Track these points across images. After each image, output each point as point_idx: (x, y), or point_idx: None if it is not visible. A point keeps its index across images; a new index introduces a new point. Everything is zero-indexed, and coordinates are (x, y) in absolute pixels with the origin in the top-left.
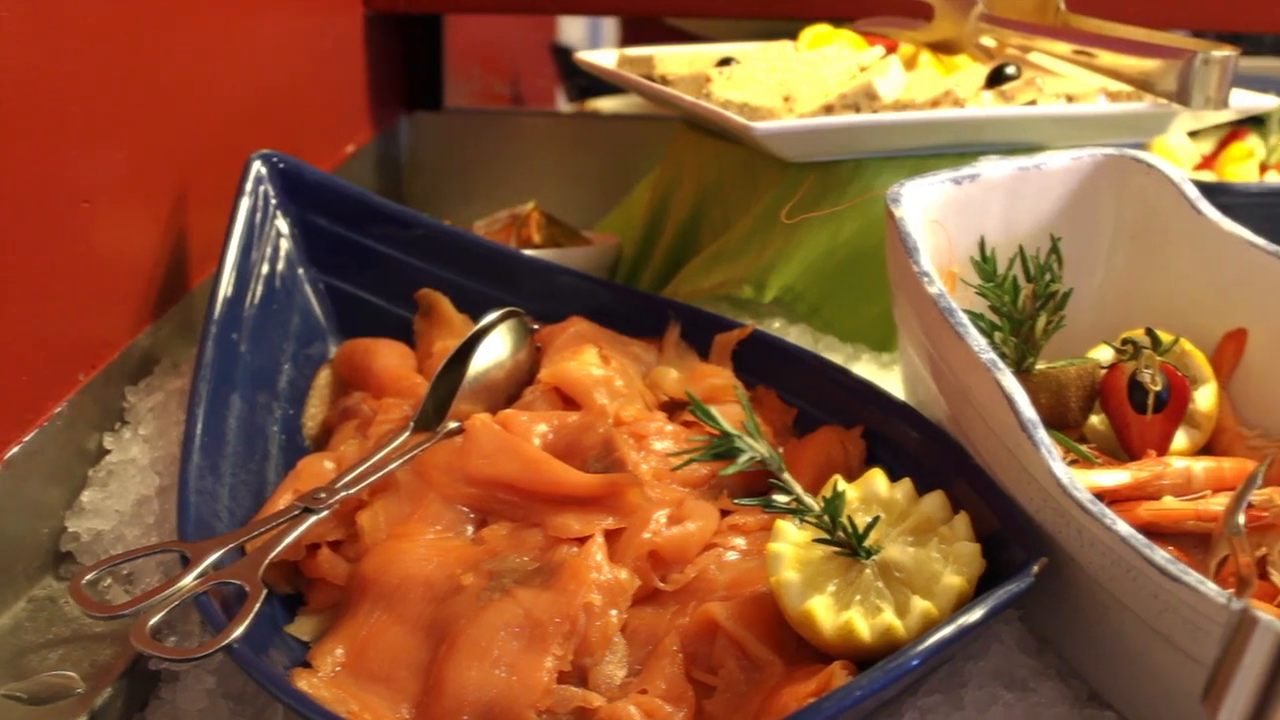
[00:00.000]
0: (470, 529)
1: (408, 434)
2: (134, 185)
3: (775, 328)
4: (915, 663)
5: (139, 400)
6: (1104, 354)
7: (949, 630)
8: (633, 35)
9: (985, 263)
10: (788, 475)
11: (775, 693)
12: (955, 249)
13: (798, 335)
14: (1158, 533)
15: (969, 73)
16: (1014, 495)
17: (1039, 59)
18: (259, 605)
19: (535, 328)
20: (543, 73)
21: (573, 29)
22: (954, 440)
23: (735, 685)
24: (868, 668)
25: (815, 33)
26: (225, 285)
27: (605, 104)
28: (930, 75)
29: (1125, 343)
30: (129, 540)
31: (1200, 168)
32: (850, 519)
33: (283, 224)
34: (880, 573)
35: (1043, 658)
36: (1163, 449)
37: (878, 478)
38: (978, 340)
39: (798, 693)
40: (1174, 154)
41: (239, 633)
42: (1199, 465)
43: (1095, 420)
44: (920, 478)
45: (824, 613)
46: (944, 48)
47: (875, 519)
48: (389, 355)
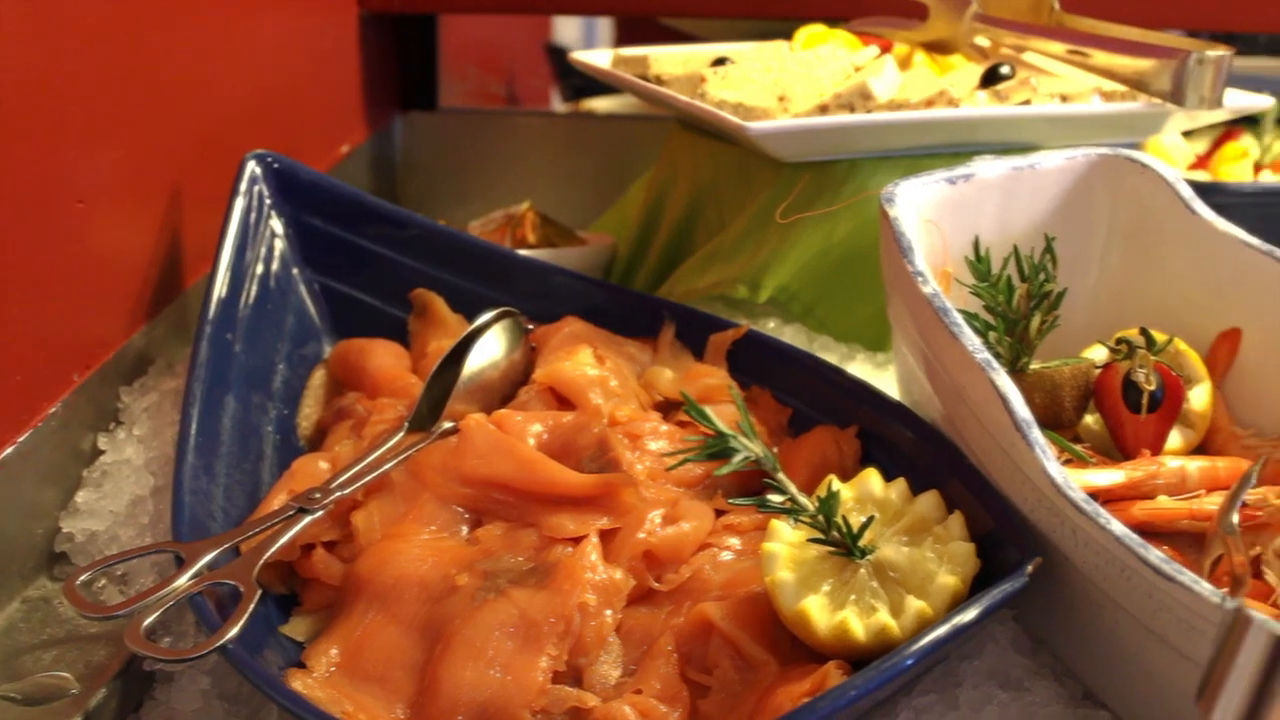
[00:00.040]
0: (465, 529)
1: (402, 434)
2: (128, 185)
3: (770, 328)
4: (910, 662)
5: (133, 400)
6: (1098, 354)
7: (944, 630)
8: (628, 35)
9: (980, 262)
10: (782, 475)
11: (770, 692)
12: (950, 249)
13: (792, 335)
14: (1152, 532)
15: (963, 73)
16: (1008, 495)
17: (1033, 59)
18: (253, 606)
19: (530, 328)
20: (537, 73)
21: (567, 29)
22: (949, 440)
23: (730, 685)
24: (862, 667)
25: (810, 33)
26: (220, 285)
27: (600, 104)
28: (925, 75)
29: (1120, 342)
30: (123, 541)
31: (1194, 167)
32: (845, 519)
33: (277, 224)
34: (875, 572)
35: (1037, 657)
36: (1157, 449)
37: (872, 477)
38: (972, 340)
39: (792, 692)
40: (1168, 154)
41: (234, 633)
42: (1193, 465)
43: (1090, 420)
44: (915, 477)
45: (819, 612)
46: (939, 47)
47: (870, 519)
48: (384, 355)
